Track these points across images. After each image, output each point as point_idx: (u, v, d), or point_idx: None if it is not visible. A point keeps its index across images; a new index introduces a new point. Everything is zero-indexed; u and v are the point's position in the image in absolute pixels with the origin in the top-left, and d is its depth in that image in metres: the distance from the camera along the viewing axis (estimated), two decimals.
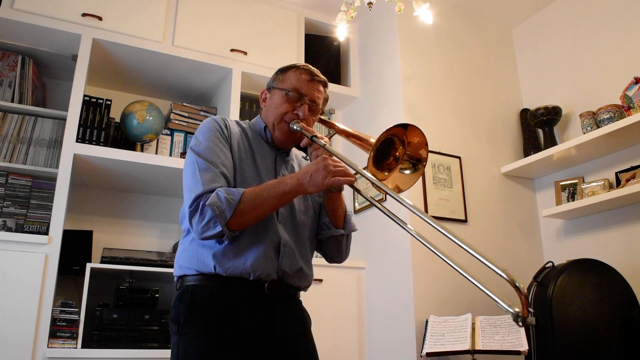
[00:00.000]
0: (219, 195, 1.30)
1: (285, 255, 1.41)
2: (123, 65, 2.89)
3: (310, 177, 1.31)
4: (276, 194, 1.33)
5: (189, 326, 1.32)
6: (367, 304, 2.91)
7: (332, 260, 1.61)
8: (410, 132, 1.38)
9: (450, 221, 2.79)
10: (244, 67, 2.95)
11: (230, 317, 1.33)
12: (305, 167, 1.35)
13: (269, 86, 1.60)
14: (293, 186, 1.33)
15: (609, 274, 2.30)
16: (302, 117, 1.50)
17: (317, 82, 1.55)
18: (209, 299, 1.34)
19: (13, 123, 2.55)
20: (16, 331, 2.13)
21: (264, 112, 1.59)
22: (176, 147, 2.90)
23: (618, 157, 2.71)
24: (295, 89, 1.51)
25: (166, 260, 2.64)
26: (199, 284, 1.37)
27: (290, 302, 1.46)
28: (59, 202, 2.35)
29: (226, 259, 1.35)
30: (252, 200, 1.31)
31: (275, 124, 1.52)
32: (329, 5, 3.23)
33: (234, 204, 1.29)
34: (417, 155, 1.39)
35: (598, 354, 2.11)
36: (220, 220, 1.28)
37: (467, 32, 3.32)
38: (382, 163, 1.38)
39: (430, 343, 2.34)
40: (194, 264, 1.39)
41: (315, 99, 1.53)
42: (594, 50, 2.93)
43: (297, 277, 1.44)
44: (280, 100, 1.52)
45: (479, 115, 3.15)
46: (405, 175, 1.38)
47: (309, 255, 1.52)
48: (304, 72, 1.54)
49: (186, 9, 2.90)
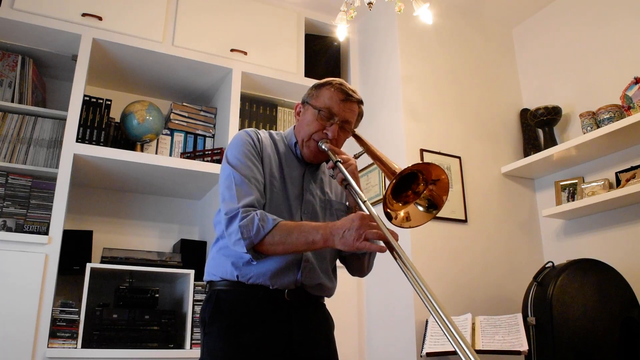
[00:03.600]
0: (253, 220, 1.33)
1: (305, 271, 1.44)
2: (123, 65, 2.89)
3: (343, 234, 1.27)
4: (305, 240, 1.32)
5: (212, 326, 1.41)
6: (367, 304, 2.91)
7: (354, 275, 1.65)
8: (436, 172, 1.32)
9: (450, 221, 2.79)
10: (244, 67, 2.95)
11: (250, 319, 1.39)
12: (342, 221, 1.31)
13: (304, 101, 1.59)
14: (324, 238, 1.30)
15: (609, 274, 2.29)
16: (331, 137, 1.49)
17: (350, 102, 1.52)
18: (231, 302, 1.42)
19: (13, 123, 2.55)
20: (16, 331, 2.13)
21: (296, 127, 1.59)
22: (176, 147, 2.90)
23: (618, 157, 2.71)
24: (327, 108, 1.50)
25: (166, 260, 2.64)
26: (224, 288, 1.45)
27: (312, 308, 1.50)
28: (59, 202, 2.35)
29: (248, 270, 1.41)
30: (282, 237, 1.33)
31: (305, 142, 1.53)
32: (329, 5, 3.23)
33: (262, 234, 1.32)
34: (438, 198, 1.34)
35: (598, 354, 2.11)
36: (247, 244, 1.32)
37: (467, 32, 3.32)
38: (400, 194, 1.35)
39: (430, 343, 2.34)
40: (219, 272, 1.46)
41: (348, 119, 1.52)
42: (594, 50, 2.93)
43: (317, 289, 1.49)
44: (311, 118, 1.52)
45: (479, 115, 3.15)
46: (417, 211, 1.35)
47: (329, 270, 1.55)
48: (338, 91, 1.51)
49: (186, 8, 2.90)
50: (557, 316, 2.12)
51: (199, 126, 3.01)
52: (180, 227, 3.09)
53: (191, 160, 2.72)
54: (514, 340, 2.16)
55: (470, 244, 2.81)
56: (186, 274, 2.61)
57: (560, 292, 2.16)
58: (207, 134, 3.02)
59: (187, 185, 2.92)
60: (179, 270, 2.60)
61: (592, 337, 2.12)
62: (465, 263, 2.75)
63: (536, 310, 2.20)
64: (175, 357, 2.42)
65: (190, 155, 2.85)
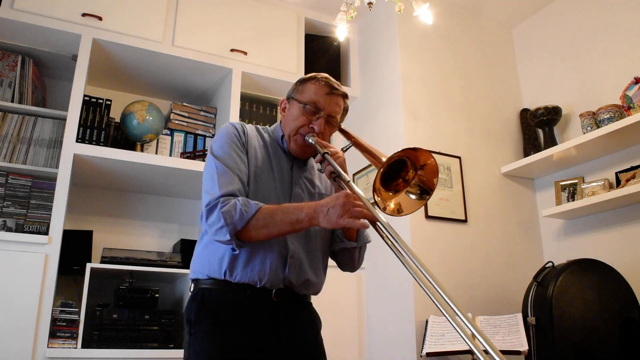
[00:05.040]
0: (235, 205, 1.32)
1: (292, 267, 1.42)
2: (123, 65, 2.89)
3: (327, 212, 1.28)
4: (289, 220, 1.32)
5: (198, 326, 1.37)
6: (367, 304, 2.91)
7: (345, 270, 1.63)
8: (423, 156, 1.31)
9: (450, 221, 2.79)
10: (244, 67, 2.95)
11: (236, 319, 1.36)
12: (326, 199, 1.32)
13: (289, 96, 1.59)
14: (308, 216, 1.31)
15: (609, 274, 2.29)
16: (318, 131, 1.49)
17: (335, 95, 1.53)
18: (217, 301, 1.39)
19: (13, 123, 2.55)
20: (16, 331, 2.13)
21: (282, 122, 1.59)
22: (176, 147, 2.90)
23: (618, 157, 2.71)
24: (313, 103, 1.50)
25: (166, 261, 2.64)
26: (210, 287, 1.41)
27: (299, 307, 1.48)
28: (59, 202, 2.35)
29: (234, 268, 1.38)
30: (265, 219, 1.32)
31: (291, 136, 1.52)
32: (329, 5, 3.23)
33: (246, 218, 1.30)
34: (429, 182, 1.33)
35: (598, 354, 2.11)
36: (230, 230, 1.30)
37: (467, 32, 3.32)
38: (390, 183, 1.34)
39: (430, 343, 2.34)
40: (205, 270, 1.43)
41: (333, 113, 1.52)
42: (594, 50, 2.93)
43: (304, 287, 1.46)
44: (297, 113, 1.52)
45: (479, 115, 3.15)
46: (409, 199, 1.33)
47: (319, 265, 1.53)
48: (323, 85, 1.52)
49: (186, 9, 2.90)
50: (557, 316, 2.12)
51: (199, 126, 3.01)
52: (180, 227, 3.09)
53: (191, 160, 2.72)
54: (514, 340, 2.17)
55: (470, 244, 2.81)
56: (186, 274, 2.60)
57: (560, 292, 2.16)
58: (207, 134, 3.02)
59: (187, 185, 2.92)
60: (179, 270, 2.60)
61: (592, 337, 2.13)
62: (465, 263, 2.75)
63: (536, 310, 2.20)
64: (175, 357, 2.42)
65: (190, 155, 2.85)
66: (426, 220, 2.73)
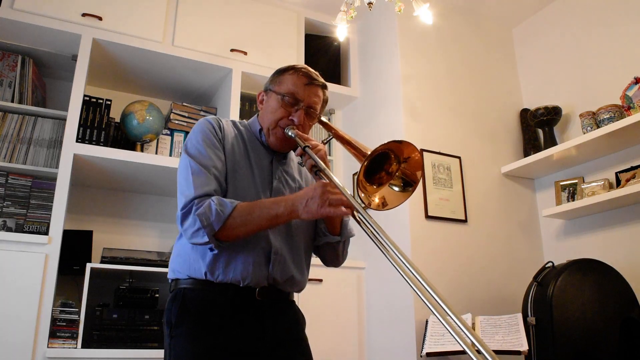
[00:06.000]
0: (210, 206, 1.28)
1: (276, 264, 1.39)
2: (123, 65, 2.89)
3: (306, 203, 1.26)
4: (268, 215, 1.29)
5: (180, 328, 1.33)
6: (367, 304, 2.91)
7: (329, 265, 1.59)
8: (408, 149, 1.29)
9: (450, 221, 2.79)
10: (244, 67, 2.95)
11: (220, 321, 1.32)
12: (303, 191, 1.31)
13: (266, 88, 1.54)
14: (287, 210, 1.29)
15: (609, 274, 2.29)
16: (298, 123, 1.44)
17: (315, 86, 1.48)
18: (199, 302, 1.35)
19: (13, 123, 2.55)
20: (16, 331, 2.13)
21: (260, 115, 1.55)
22: (176, 147, 2.90)
23: (618, 157, 2.71)
24: (292, 94, 1.46)
25: (166, 260, 2.64)
26: (191, 287, 1.37)
27: (282, 306, 1.44)
28: (59, 202, 2.35)
29: (216, 267, 1.34)
30: (243, 217, 1.28)
31: (270, 129, 1.48)
32: (329, 5, 3.23)
33: (223, 218, 1.27)
34: (412, 175, 1.31)
35: (598, 354, 2.11)
36: (208, 231, 1.27)
37: (467, 32, 3.32)
38: (373, 176, 1.31)
39: (430, 343, 2.34)
40: (185, 269, 1.39)
41: (313, 104, 1.47)
42: (594, 50, 2.93)
43: (288, 284, 1.43)
44: (276, 105, 1.47)
45: (479, 115, 3.15)
46: (393, 192, 1.31)
47: (302, 262, 1.49)
48: (301, 76, 1.47)
49: (186, 9, 2.90)
50: (557, 316, 2.12)
51: None
52: None
53: None
54: (514, 340, 2.17)
55: (470, 244, 2.81)
56: None
57: (560, 292, 2.16)
58: None
59: None
60: None
61: (592, 337, 2.13)
62: (465, 263, 2.75)
63: (536, 310, 2.20)
64: None
65: None
66: (426, 220, 2.73)
